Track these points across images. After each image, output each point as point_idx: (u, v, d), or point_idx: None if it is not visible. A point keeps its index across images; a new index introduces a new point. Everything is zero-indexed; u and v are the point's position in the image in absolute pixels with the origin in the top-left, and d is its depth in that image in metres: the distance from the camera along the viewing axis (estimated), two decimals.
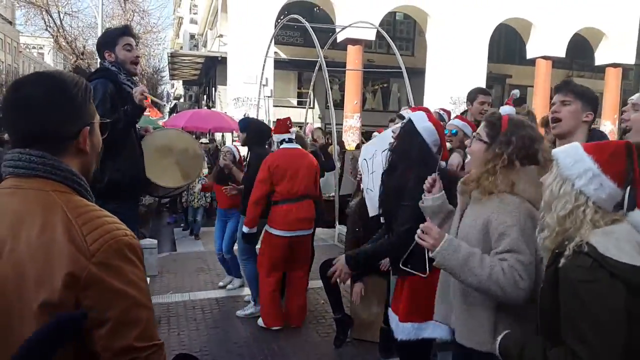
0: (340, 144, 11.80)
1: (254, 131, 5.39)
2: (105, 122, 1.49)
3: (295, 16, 11.53)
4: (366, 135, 15.02)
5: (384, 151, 3.95)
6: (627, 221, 1.55)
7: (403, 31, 24.33)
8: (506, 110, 3.34)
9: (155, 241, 7.36)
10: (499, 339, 1.82)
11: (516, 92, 4.06)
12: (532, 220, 2.03)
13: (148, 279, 5.32)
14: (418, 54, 22.75)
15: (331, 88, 23.38)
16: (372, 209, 3.90)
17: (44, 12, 24.08)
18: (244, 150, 5.86)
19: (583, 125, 2.74)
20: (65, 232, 1.19)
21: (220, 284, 6.43)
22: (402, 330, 2.90)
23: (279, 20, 14.01)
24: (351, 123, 17.85)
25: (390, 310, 3.12)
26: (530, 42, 21.09)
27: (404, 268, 2.74)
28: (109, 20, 24.75)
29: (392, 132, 3.44)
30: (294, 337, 4.83)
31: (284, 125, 5.00)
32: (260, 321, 5.03)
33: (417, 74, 20.43)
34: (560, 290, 1.53)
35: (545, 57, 20.58)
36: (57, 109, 1.30)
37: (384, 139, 3.88)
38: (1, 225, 1.22)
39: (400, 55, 11.30)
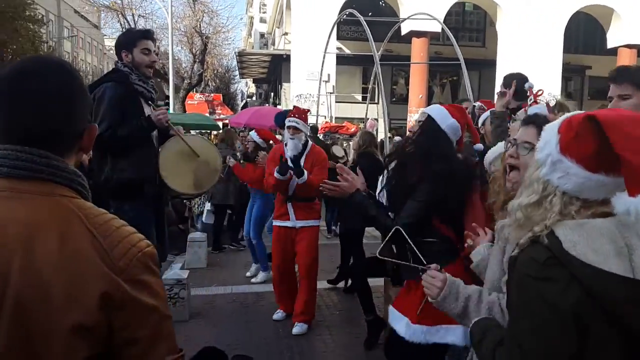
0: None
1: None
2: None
3: (352, 10, 11.37)
4: None
5: None
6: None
7: (473, 22, 23.49)
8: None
9: (205, 235, 7.47)
10: (472, 322, 1.60)
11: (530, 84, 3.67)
12: None
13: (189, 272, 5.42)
14: (489, 45, 21.89)
15: (397, 82, 23.19)
16: None
17: (119, 15, 25.33)
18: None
19: None
20: (90, 246, 1.06)
21: (248, 274, 6.64)
22: (413, 332, 2.73)
23: (343, 16, 13.92)
24: (416, 118, 17.45)
25: (391, 307, 2.95)
26: (611, 30, 19.73)
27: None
28: (180, 21, 25.66)
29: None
30: (325, 337, 4.72)
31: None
32: None
33: (489, 66, 19.69)
34: (511, 282, 1.28)
35: (628, 46, 19.18)
36: (68, 102, 1.14)
37: None
38: (1, 238, 1.03)
39: (471, 46, 11.03)
